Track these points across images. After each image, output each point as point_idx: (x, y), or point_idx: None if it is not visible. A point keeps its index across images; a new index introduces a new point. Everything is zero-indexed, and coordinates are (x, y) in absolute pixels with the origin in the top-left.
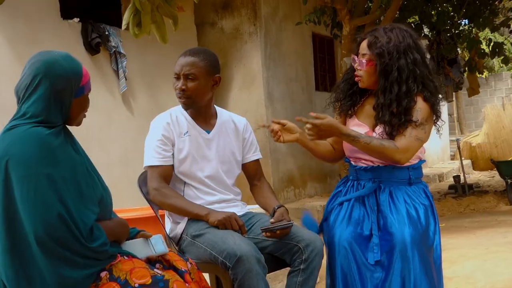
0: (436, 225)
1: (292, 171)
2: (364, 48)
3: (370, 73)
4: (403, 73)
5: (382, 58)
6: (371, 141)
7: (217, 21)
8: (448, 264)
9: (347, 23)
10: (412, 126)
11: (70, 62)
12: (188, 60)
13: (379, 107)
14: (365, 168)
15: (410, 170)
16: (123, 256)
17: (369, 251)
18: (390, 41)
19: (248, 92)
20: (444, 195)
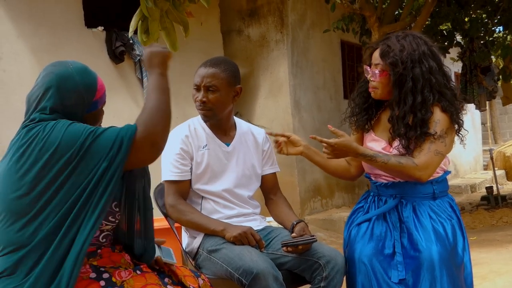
0: (465, 241)
1: (319, 181)
2: (376, 58)
3: (384, 83)
4: (418, 83)
5: (396, 68)
6: (388, 160)
7: (244, 29)
8: (479, 280)
9: (376, 31)
10: (430, 140)
11: (84, 76)
12: (209, 71)
13: (393, 119)
14: (386, 184)
15: (434, 184)
16: (136, 271)
17: (392, 269)
18: (403, 49)
19: (274, 100)
20: (476, 207)
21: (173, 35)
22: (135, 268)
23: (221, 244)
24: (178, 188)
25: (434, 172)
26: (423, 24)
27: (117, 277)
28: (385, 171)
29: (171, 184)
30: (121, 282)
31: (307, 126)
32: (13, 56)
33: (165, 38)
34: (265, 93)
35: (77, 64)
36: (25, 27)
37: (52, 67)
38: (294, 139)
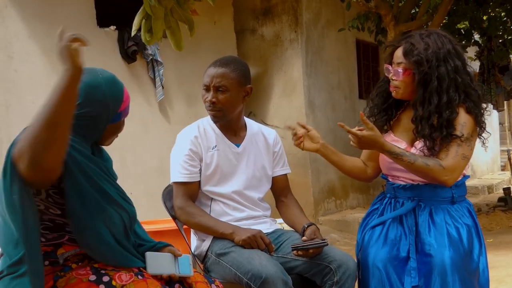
0: (482, 247)
1: (333, 182)
2: (399, 57)
3: (407, 83)
4: (444, 82)
5: (421, 67)
6: (415, 160)
7: (258, 28)
8: (495, 284)
9: (392, 29)
10: (457, 143)
11: (112, 87)
12: (218, 71)
13: (417, 119)
14: (404, 186)
15: (453, 188)
16: (137, 276)
17: (405, 275)
18: (428, 47)
19: (288, 100)
20: (493, 208)
21: (178, 34)
22: (137, 273)
23: (229, 248)
24: (187, 190)
25: (459, 177)
26: (440, 23)
27: (117, 281)
28: (410, 171)
29: (180, 186)
30: (121, 286)
31: (321, 126)
32: (24, 57)
33: (169, 38)
34: (279, 92)
35: (106, 74)
36: (36, 27)
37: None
38: (313, 134)
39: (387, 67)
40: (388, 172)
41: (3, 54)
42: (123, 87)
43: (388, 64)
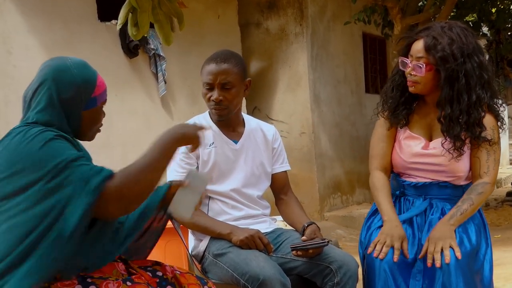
0: (488, 248)
1: (339, 177)
2: (419, 51)
3: (429, 79)
4: (471, 80)
5: (447, 63)
6: (473, 202)
7: (262, 22)
8: (502, 282)
9: (399, 22)
10: (493, 150)
11: (82, 70)
12: (221, 67)
13: (447, 119)
14: (416, 184)
15: (464, 187)
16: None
17: (411, 278)
18: (452, 42)
19: (293, 94)
20: (501, 203)
21: (167, 28)
22: (125, 279)
23: (227, 248)
24: None
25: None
26: (448, 15)
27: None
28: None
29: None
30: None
31: (326, 121)
32: (24, 52)
33: (158, 31)
34: (284, 87)
35: (75, 59)
36: (36, 22)
37: (50, 60)
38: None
39: (403, 60)
40: (405, 171)
41: (2, 49)
42: (96, 72)
43: (404, 57)
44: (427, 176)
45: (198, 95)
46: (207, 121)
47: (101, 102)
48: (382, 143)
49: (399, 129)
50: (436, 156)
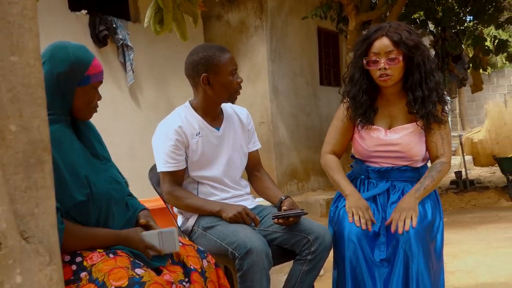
0: (441, 221)
1: (296, 165)
2: (388, 46)
3: (400, 69)
4: (433, 64)
5: (418, 51)
6: (434, 178)
7: (223, 15)
8: (450, 259)
9: (353, 18)
10: (446, 133)
11: (78, 51)
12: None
13: (418, 101)
14: (380, 169)
15: (421, 169)
16: (108, 255)
17: (376, 249)
18: (410, 34)
19: (253, 86)
20: (445, 190)
21: (183, 26)
22: (108, 251)
23: (216, 222)
24: (174, 177)
25: (424, 159)
26: (399, 13)
27: (88, 261)
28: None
29: (167, 174)
30: (90, 266)
31: (284, 112)
32: None
33: (175, 29)
34: (244, 78)
35: (76, 43)
36: None
37: (53, 43)
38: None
39: (372, 59)
40: (366, 158)
41: None
42: (93, 55)
43: (369, 57)
44: (388, 162)
45: (164, 84)
46: (191, 111)
47: (94, 81)
48: (338, 135)
49: (365, 129)
50: (395, 144)
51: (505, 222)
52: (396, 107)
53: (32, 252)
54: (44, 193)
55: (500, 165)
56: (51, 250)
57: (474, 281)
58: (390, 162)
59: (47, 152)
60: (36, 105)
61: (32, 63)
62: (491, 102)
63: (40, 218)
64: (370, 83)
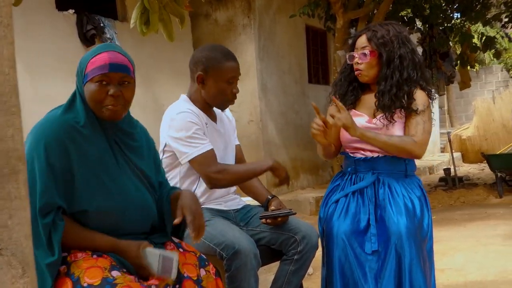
0: (430, 218)
1: (285, 163)
2: (363, 42)
3: (372, 64)
4: (404, 61)
5: (386, 47)
6: (390, 138)
7: (211, 13)
8: (440, 256)
9: (341, 16)
10: (423, 120)
11: (88, 52)
12: (238, 64)
13: (380, 93)
14: (365, 159)
15: (407, 163)
16: (93, 255)
17: (366, 242)
18: (388, 32)
19: (242, 84)
20: (434, 188)
21: (170, 26)
22: (94, 253)
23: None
24: (215, 155)
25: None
26: (386, 11)
27: (72, 257)
28: (386, 147)
29: (209, 153)
30: (71, 262)
31: (273, 110)
32: None
33: (162, 30)
34: None
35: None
36: None
37: None
38: (329, 132)
39: (350, 54)
40: (350, 144)
41: None
42: (95, 51)
43: (351, 52)
44: (373, 149)
45: (151, 83)
46: (190, 104)
47: (90, 77)
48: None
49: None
50: (378, 129)
51: (494, 219)
52: None
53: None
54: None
55: (488, 162)
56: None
57: (463, 279)
58: (375, 150)
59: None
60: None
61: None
62: (479, 98)
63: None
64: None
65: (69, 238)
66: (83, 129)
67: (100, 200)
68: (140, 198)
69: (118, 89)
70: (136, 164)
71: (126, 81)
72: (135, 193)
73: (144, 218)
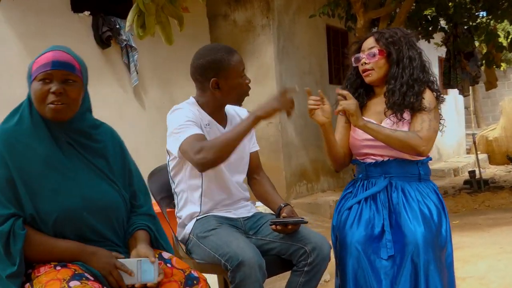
0: (448, 224)
1: (305, 165)
2: (370, 43)
3: (381, 64)
4: (414, 61)
5: (395, 46)
6: (394, 132)
7: (230, 14)
8: (461, 264)
9: (362, 16)
10: (429, 118)
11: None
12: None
13: (390, 92)
14: (375, 163)
15: (419, 165)
16: (56, 267)
17: (381, 247)
18: (396, 33)
19: (261, 86)
20: (458, 191)
21: (168, 29)
22: (58, 264)
23: (209, 231)
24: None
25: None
26: (409, 10)
27: (36, 273)
28: (390, 141)
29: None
30: (34, 278)
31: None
32: (0, 42)
33: (160, 32)
34: (252, 78)
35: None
36: (12, 13)
37: None
38: (326, 108)
39: (356, 57)
40: (359, 150)
41: None
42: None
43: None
44: (383, 153)
45: (169, 85)
46: (196, 106)
47: (35, 75)
48: (339, 135)
49: None
50: None
51: None
52: None
53: None
54: None
55: None
56: None
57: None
58: (385, 154)
59: None
60: None
61: None
62: (507, 99)
63: None
64: (363, 81)
65: (33, 249)
66: (24, 135)
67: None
68: (102, 198)
69: (61, 86)
70: (96, 165)
71: (71, 79)
72: (94, 193)
73: (108, 219)
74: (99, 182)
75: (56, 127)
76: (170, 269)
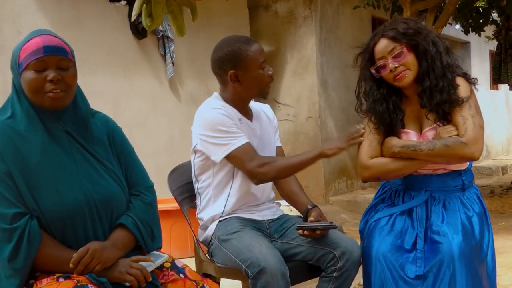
0: (490, 235)
1: (345, 162)
2: (388, 46)
3: (412, 60)
4: (438, 47)
5: (417, 36)
6: (434, 145)
7: (271, 4)
8: (504, 270)
9: (408, 7)
10: (470, 114)
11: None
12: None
13: (427, 91)
14: (416, 177)
15: (463, 175)
16: (59, 279)
17: (410, 264)
18: (407, 24)
19: (301, 78)
20: (506, 190)
21: (180, 19)
22: (61, 276)
23: (232, 234)
24: (252, 148)
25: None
26: (458, 1)
27: (38, 284)
28: (431, 159)
29: (246, 147)
30: None
31: (333, 106)
32: None
33: (171, 22)
34: (291, 71)
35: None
36: (45, 1)
37: None
38: None
39: (380, 65)
40: None
41: (12, 28)
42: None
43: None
44: (424, 168)
45: (205, 77)
46: (221, 102)
47: (26, 64)
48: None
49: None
50: None
51: None
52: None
53: None
54: None
55: None
56: None
57: None
58: (427, 168)
59: None
60: None
61: None
62: None
63: None
64: (389, 89)
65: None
66: (18, 128)
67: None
68: (102, 191)
69: (57, 73)
70: (94, 154)
71: (65, 64)
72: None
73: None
74: (99, 173)
75: (51, 116)
76: (183, 280)
